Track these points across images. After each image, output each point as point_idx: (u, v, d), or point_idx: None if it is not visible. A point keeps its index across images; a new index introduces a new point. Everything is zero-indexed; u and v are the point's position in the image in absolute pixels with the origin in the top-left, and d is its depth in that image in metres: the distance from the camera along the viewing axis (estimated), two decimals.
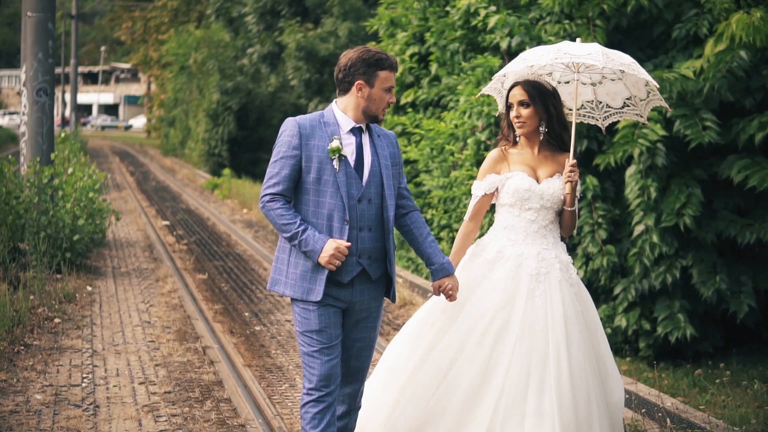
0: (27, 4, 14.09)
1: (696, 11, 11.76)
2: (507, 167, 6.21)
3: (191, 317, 10.95)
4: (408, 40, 16.50)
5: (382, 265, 5.57)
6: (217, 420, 7.42)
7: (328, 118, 5.51)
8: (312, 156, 5.39)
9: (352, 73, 5.50)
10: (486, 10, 13.45)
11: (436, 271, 5.73)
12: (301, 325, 5.47)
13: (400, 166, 5.69)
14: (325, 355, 5.42)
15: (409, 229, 5.75)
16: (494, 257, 6.14)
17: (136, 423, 7.33)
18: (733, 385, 10.71)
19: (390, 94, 5.52)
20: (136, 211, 23.06)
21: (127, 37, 66.21)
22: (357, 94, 5.49)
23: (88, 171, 14.78)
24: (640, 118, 6.64)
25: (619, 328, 11.88)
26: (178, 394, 8.07)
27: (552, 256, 6.12)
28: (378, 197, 5.50)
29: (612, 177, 12.09)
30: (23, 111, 14.11)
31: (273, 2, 31.74)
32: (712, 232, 11.42)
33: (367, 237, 5.46)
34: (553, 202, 6.14)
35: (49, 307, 10.83)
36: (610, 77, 6.50)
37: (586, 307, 6.18)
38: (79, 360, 9.11)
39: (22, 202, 12.89)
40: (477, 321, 5.97)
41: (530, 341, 5.91)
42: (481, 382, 5.87)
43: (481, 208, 6.29)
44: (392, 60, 5.50)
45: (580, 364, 5.90)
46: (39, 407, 7.61)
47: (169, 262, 15.07)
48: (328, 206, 5.39)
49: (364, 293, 5.53)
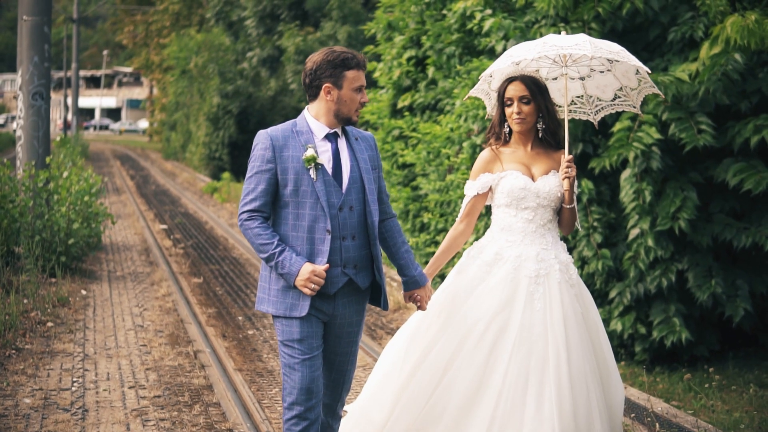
0: (23, 8, 14.10)
1: (692, 14, 11.72)
2: (500, 166, 6.06)
3: (184, 321, 10.94)
4: (405, 44, 16.46)
5: (370, 273, 5.43)
6: (205, 424, 7.40)
7: (300, 126, 5.34)
8: (287, 168, 5.22)
9: (319, 76, 5.32)
10: (482, 14, 13.41)
11: (407, 283, 5.61)
12: (282, 334, 5.31)
13: (380, 169, 5.55)
14: (306, 367, 5.25)
15: (384, 237, 5.59)
16: (492, 259, 6.01)
17: (123, 427, 7.31)
18: (728, 389, 10.68)
19: (361, 94, 5.35)
20: (135, 214, 23.05)
21: (128, 41, 66.22)
22: (326, 98, 5.31)
23: (84, 175, 14.76)
24: (634, 108, 6.52)
25: (615, 332, 11.82)
26: (168, 399, 8.05)
27: (551, 257, 5.99)
28: (360, 203, 5.34)
29: (608, 180, 12.05)
30: (19, 115, 14.10)
31: (272, 6, 31.73)
32: (708, 235, 11.37)
33: (351, 246, 5.30)
34: (550, 200, 6.02)
35: (42, 311, 10.82)
36: (599, 69, 6.36)
37: (587, 308, 6.08)
38: (70, 364, 9.10)
39: (17, 205, 12.88)
40: (474, 324, 5.86)
41: (529, 345, 5.80)
42: (479, 387, 5.76)
43: (473, 208, 6.16)
44: (359, 58, 5.35)
45: (580, 368, 5.79)
46: (27, 411, 7.60)
47: (164, 265, 15.05)
48: (308, 218, 5.22)
49: (347, 307, 5.38)
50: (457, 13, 14.25)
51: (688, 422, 7.52)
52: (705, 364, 11.85)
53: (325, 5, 30.97)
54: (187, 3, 53.11)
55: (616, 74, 6.35)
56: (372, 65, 16.02)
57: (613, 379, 6.10)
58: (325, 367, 5.46)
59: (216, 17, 37.97)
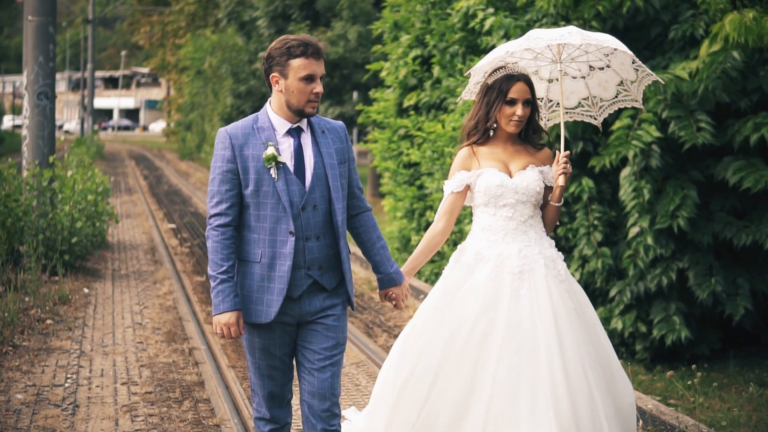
0: (28, 9, 14.17)
1: (693, 12, 11.70)
2: (477, 164, 5.90)
3: (183, 319, 10.98)
4: (411, 43, 16.48)
5: (338, 273, 5.17)
6: (193, 420, 7.43)
7: (262, 122, 5.06)
8: (248, 167, 4.97)
9: (270, 65, 5.05)
10: (484, 12, 13.43)
11: (382, 280, 5.40)
12: (245, 343, 5.17)
13: (352, 161, 5.25)
14: (268, 377, 5.15)
15: (358, 233, 5.34)
16: (473, 260, 5.86)
17: (112, 423, 7.35)
18: (728, 388, 10.65)
19: (314, 84, 4.99)
20: (144, 214, 23.14)
21: (145, 42, 66.48)
22: (276, 89, 5.05)
23: (89, 174, 14.83)
24: (635, 102, 6.38)
25: (615, 331, 11.81)
26: (159, 395, 8.09)
27: (535, 252, 5.83)
28: (324, 201, 5.07)
29: (609, 179, 12.04)
30: (25, 114, 14.18)
31: (284, 6, 31.77)
32: (709, 234, 11.35)
33: (315, 246, 5.04)
34: (529, 196, 5.85)
35: (42, 309, 10.87)
36: (598, 66, 6.23)
37: (582, 306, 5.88)
38: (65, 361, 9.15)
39: (20, 204, 12.96)
40: (459, 328, 5.68)
41: (518, 342, 5.61)
42: (470, 392, 5.59)
43: (451, 207, 5.96)
44: (306, 47, 4.98)
45: (576, 363, 5.58)
46: (19, 407, 7.65)
47: (169, 264, 15.11)
48: (269, 219, 4.97)
49: (315, 304, 5.10)
50: (460, 12, 14.27)
51: (676, 419, 7.49)
52: (706, 362, 11.83)
53: (336, 5, 31.01)
54: (202, 3, 53.28)
55: (614, 67, 6.23)
56: (379, 64, 16.06)
57: (619, 381, 5.86)
58: (308, 368, 5.13)
59: (228, 17, 38.06)
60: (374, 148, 16.07)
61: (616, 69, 6.23)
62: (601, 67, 6.24)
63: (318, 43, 5.04)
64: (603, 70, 6.26)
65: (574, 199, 11.81)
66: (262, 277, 5.00)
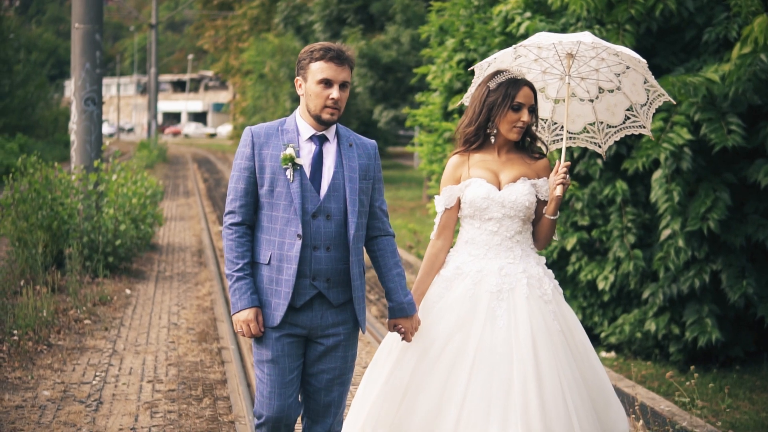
0: (75, 16, 14.52)
1: (726, 14, 11.70)
2: (467, 172, 5.60)
3: (217, 319, 11.21)
4: (455, 47, 16.59)
5: (347, 291, 5.04)
6: (209, 416, 7.65)
7: (288, 125, 5.03)
8: (265, 166, 4.94)
9: (297, 69, 5.05)
10: (521, 17, 13.51)
11: (393, 309, 5.22)
12: (254, 353, 5.06)
13: (377, 181, 5.13)
14: (277, 396, 5.00)
15: (375, 256, 5.21)
16: (452, 274, 5.55)
17: (132, 418, 7.59)
18: (759, 390, 10.62)
19: (331, 89, 4.92)
20: (197, 216, 23.49)
21: (209, 46, 67.26)
22: (299, 93, 5.02)
23: (135, 178, 15.14)
24: (643, 129, 6.05)
25: (650, 333, 11.84)
26: (181, 392, 8.32)
27: (518, 271, 5.50)
28: (340, 213, 4.97)
29: (644, 181, 12.06)
30: (72, 120, 14.52)
31: (339, 10, 32.06)
32: (742, 236, 11.33)
33: (324, 257, 4.94)
34: (516, 210, 5.53)
35: (80, 309, 11.16)
36: (608, 88, 5.97)
37: (571, 328, 5.55)
38: (97, 359, 9.42)
39: (66, 208, 13.30)
40: (429, 346, 5.38)
41: (490, 367, 5.29)
42: (437, 413, 5.29)
43: (446, 222, 5.67)
44: (326, 51, 4.94)
45: (555, 389, 5.25)
46: (44, 403, 7.92)
47: (213, 266, 15.38)
48: (280, 221, 4.91)
49: (327, 317, 5.02)
50: (499, 16, 14.37)
51: (685, 420, 7.54)
52: (739, 364, 11.79)
53: (389, 8, 31.19)
54: (265, 7, 53.76)
55: (625, 90, 5.98)
56: (426, 68, 16.24)
57: (612, 409, 5.56)
58: (313, 388, 5.11)
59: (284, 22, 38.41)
60: (420, 151, 16.23)
61: (626, 92, 5.99)
62: (611, 89, 5.99)
63: (342, 48, 4.99)
64: (612, 93, 6.00)
65: (608, 202, 11.87)
66: (270, 279, 4.97)
